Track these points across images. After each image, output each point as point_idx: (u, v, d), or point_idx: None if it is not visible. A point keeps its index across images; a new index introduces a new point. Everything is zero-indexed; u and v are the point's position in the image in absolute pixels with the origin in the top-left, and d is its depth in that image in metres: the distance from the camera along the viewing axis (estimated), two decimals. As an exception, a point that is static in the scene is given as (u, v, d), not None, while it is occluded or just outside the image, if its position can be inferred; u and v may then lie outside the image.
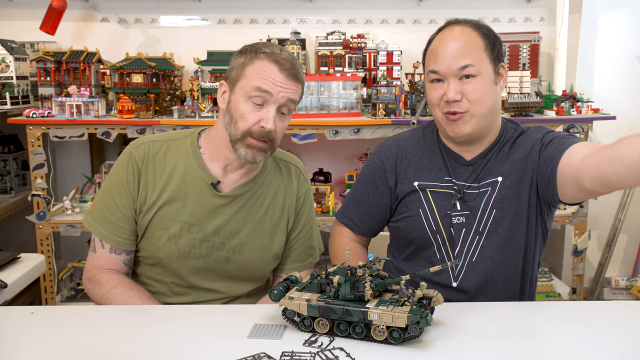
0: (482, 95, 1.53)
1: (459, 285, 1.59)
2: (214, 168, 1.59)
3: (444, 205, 1.60)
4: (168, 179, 1.58)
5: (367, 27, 3.34)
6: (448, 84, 1.53)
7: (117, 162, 1.62)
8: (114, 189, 1.59)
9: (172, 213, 1.57)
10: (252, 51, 1.52)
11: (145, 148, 1.59)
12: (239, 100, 1.50)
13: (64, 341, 1.26)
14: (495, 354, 1.19)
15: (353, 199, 1.76)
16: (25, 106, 3.01)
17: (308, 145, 2.88)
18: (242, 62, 1.52)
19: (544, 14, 3.35)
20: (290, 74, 1.50)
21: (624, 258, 3.53)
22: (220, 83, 1.58)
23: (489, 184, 1.60)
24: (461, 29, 1.56)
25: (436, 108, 1.58)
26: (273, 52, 1.50)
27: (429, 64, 1.58)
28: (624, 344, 1.26)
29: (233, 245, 1.60)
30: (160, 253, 1.58)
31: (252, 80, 1.48)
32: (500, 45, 1.60)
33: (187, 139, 1.62)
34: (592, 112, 2.92)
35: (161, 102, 2.93)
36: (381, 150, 1.72)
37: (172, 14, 3.34)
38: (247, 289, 1.67)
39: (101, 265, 1.60)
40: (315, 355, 1.18)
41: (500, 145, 1.62)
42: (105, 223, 1.58)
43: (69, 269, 3.09)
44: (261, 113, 1.49)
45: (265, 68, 1.48)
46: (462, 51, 1.52)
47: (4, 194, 3.15)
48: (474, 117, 1.54)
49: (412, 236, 1.64)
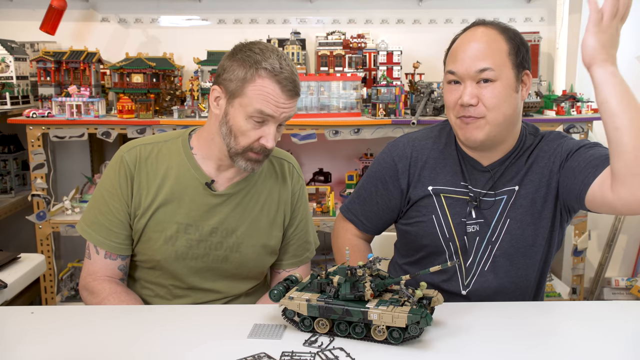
0: (500, 102, 1.46)
1: (468, 294, 1.56)
2: (207, 167, 1.59)
3: (459, 212, 1.56)
4: (162, 181, 1.57)
5: (367, 27, 3.34)
6: (465, 86, 1.47)
7: (108, 167, 1.61)
8: (106, 194, 1.58)
9: (167, 215, 1.56)
10: (251, 65, 1.45)
11: (137, 151, 1.58)
12: (239, 116, 1.48)
13: (64, 341, 1.26)
14: (495, 354, 1.19)
15: (360, 195, 1.72)
16: (25, 106, 3.01)
17: (308, 145, 2.88)
18: (241, 76, 1.46)
19: (544, 14, 3.35)
20: (293, 94, 1.48)
21: (624, 258, 3.53)
22: (213, 88, 1.53)
23: (505, 192, 1.55)
24: (485, 30, 1.49)
25: (451, 111, 1.52)
26: (274, 68, 1.45)
27: (448, 64, 1.53)
28: (624, 344, 1.26)
29: (230, 243, 1.60)
30: (158, 256, 1.57)
31: (254, 102, 1.45)
32: (527, 51, 1.52)
33: (179, 140, 1.61)
34: (592, 112, 2.92)
35: (161, 102, 2.93)
36: (394, 149, 1.66)
37: (172, 14, 3.34)
38: (245, 287, 1.67)
39: (96, 272, 1.58)
40: (315, 355, 1.18)
41: (519, 153, 1.56)
42: (99, 228, 1.57)
43: (69, 269, 3.09)
44: (261, 131, 1.48)
45: (268, 89, 1.45)
46: (482, 53, 1.45)
47: (4, 194, 3.15)
48: (488, 124, 1.47)
49: (424, 242, 1.59)
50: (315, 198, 3.03)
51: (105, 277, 1.58)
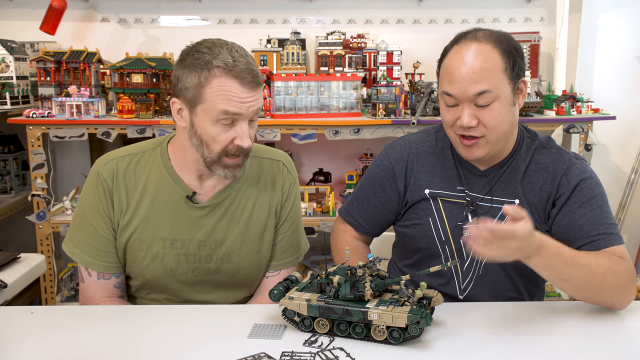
0: (499, 122, 1.43)
1: (465, 298, 1.56)
2: (187, 178, 1.52)
3: (455, 216, 1.55)
4: (141, 195, 1.50)
5: (367, 27, 3.34)
6: (462, 108, 1.44)
7: (86, 184, 1.54)
8: (88, 212, 1.51)
9: (150, 232, 1.50)
10: (202, 67, 1.37)
11: (113, 165, 1.52)
12: (206, 124, 1.40)
13: (64, 341, 1.26)
14: (495, 354, 1.19)
15: (358, 197, 1.71)
16: (25, 106, 3.01)
17: (308, 145, 2.87)
18: (196, 82, 1.38)
19: (544, 14, 3.35)
20: (253, 84, 1.39)
21: (624, 258, 3.52)
22: (172, 101, 1.45)
23: (504, 202, 1.52)
24: (479, 47, 1.42)
25: (450, 129, 1.50)
26: (226, 63, 1.37)
27: (443, 82, 1.48)
28: (624, 344, 1.26)
29: (220, 255, 1.54)
30: (147, 274, 1.52)
31: (215, 104, 1.37)
32: (522, 59, 1.48)
33: (157, 150, 1.54)
34: (592, 112, 2.91)
35: (161, 102, 2.93)
36: (391, 152, 1.65)
37: (172, 14, 3.34)
38: (241, 295, 1.63)
39: (92, 296, 1.52)
40: (315, 355, 1.18)
41: (516, 157, 1.55)
42: (88, 250, 1.51)
43: (69, 269, 3.09)
44: (233, 132, 1.41)
45: (226, 87, 1.36)
46: (478, 76, 1.40)
47: (4, 194, 3.14)
48: (489, 143, 1.46)
49: (420, 244, 1.59)
50: (315, 198, 3.03)
51: (103, 298, 1.53)
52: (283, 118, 2.81)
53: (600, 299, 1.38)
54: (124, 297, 1.58)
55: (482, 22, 3.30)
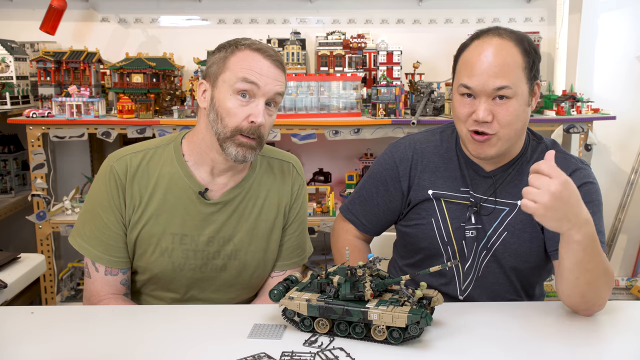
0: (514, 119, 1.42)
1: (465, 299, 1.56)
2: (201, 174, 1.54)
3: (458, 217, 1.55)
4: (153, 190, 1.51)
5: (367, 27, 3.34)
6: (480, 102, 1.42)
7: (97, 178, 1.54)
8: (99, 207, 1.52)
9: (161, 226, 1.51)
10: (231, 45, 1.48)
11: (127, 161, 1.52)
12: (223, 95, 1.45)
13: (64, 341, 1.26)
14: (495, 354, 1.19)
15: (360, 195, 1.70)
16: (25, 106, 3.01)
17: (308, 145, 2.88)
18: (222, 55, 1.48)
19: (544, 14, 3.35)
20: (275, 61, 1.47)
21: (624, 258, 3.53)
22: (200, 82, 1.52)
23: (508, 204, 1.53)
24: (501, 42, 1.42)
25: (462, 124, 1.47)
26: (253, 42, 1.48)
27: (460, 75, 1.46)
28: (625, 344, 1.26)
29: (228, 252, 1.55)
30: (155, 268, 1.53)
31: (236, 72, 1.44)
32: (539, 61, 1.48)
33: (170, 146, 1.56)
34: (592, 112, 2.92)
35: (161, 102, 2.93)
36: (395, 151, 1.64)
37: (172, 14, 3.34)
38: (245, 297, 1.64)
39: (98, 292, 1.53)
40: (315, 355, 1.18)
41: (523, 160, 1.54)
42: (97, 244, 1.52)
43: (69, 269, 3.09)
44: (249, 108, 1.44)
45: (249, 58, 1.45)
46: (500, 70, 1.39)
47: (4, 194, 3.14)
48: (500, 140, 1.44)
49: (422, 245, 1.59)
50: (315, 198, 3.03)
51: (109, 295, 1.53)
52: (283, 118, 2.81)
53: (595, 298, 1.35)
54: (128, 295, 1.58)
55: (482, 22, 3.29)
